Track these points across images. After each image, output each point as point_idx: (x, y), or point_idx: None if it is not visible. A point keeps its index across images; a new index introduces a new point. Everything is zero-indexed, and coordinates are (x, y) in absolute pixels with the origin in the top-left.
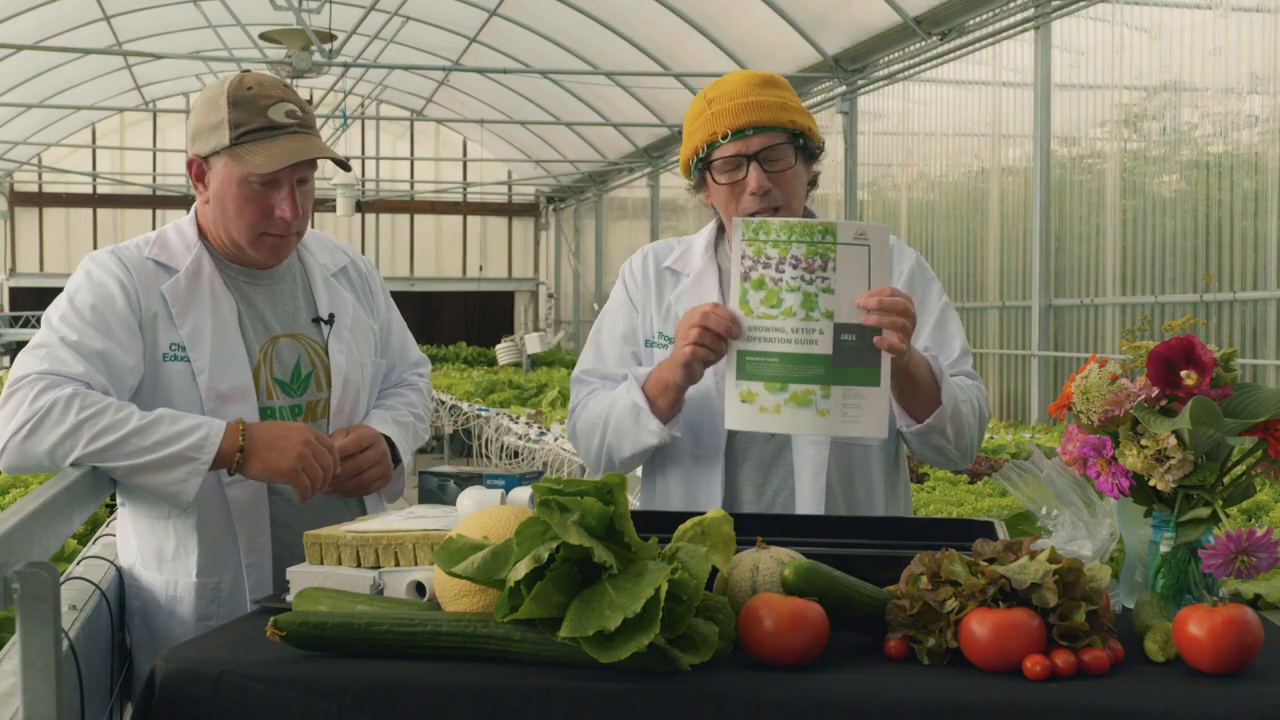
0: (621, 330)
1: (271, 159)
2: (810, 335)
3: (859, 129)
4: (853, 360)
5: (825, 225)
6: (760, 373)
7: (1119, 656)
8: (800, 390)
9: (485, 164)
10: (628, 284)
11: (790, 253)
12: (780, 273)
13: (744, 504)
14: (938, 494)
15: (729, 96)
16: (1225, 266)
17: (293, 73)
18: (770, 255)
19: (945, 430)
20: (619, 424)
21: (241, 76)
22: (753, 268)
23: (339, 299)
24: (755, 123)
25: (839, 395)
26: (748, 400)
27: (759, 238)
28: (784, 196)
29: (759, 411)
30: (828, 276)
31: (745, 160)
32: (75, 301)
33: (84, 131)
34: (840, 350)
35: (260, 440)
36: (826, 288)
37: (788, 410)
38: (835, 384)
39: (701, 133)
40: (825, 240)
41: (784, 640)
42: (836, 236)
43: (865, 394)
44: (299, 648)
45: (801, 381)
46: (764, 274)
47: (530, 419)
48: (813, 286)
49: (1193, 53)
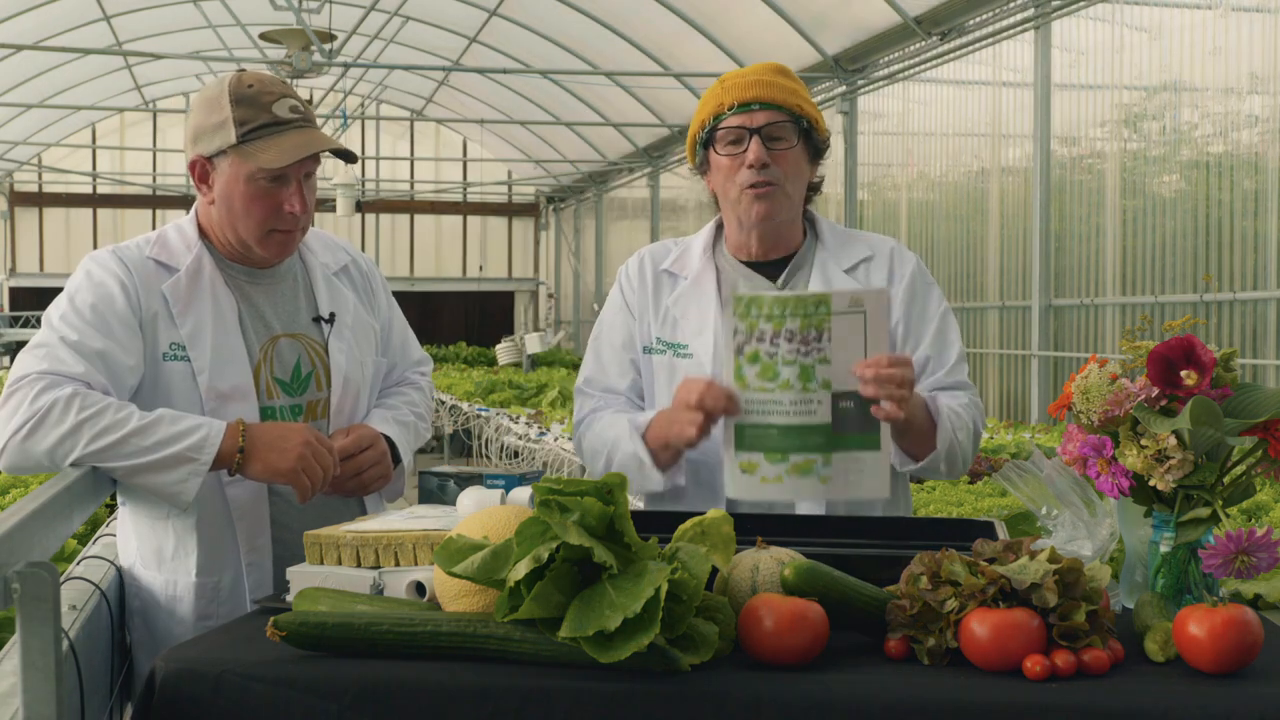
0: (620, 339)
1: (283, 153)
2: (809, 406)
3: (859, 129)
4: (852, 427)
5: (819, 297)
6: (760, 444)
7: (1119, 656)
8: (801, 460)
9: (485, 164)
10: (624, 290)
11: (785, 327)
12: (775, 346)
13: (741, 507)
14: (938, 494)
15: (742, 75)
16: (1225, 266)
17: (293, 73)
18: (764, 329)
19: (939, 467)
20: (623, 467)
21: (239, 76)
22: (746, 342)
23: (340, 298)
24: (762, 98)
25: (840, 461)
26: (748, 471)
27: (750, 313)
28: (782, 175)
29: (760, 481)
30: (823, 347)
31: (748, 134)
32: (75, 301)
33: (84, 131)
34: (839, 418)
35: (260, 441)
36: (823, 358)
37: (789, 479)
38: (836, 450)
39: (710, 106)
40: (819, 312)
41: (784, 640)
42: (830, 307)
43: (866, 458)
44: (299, 648)
45: (802, 451)
46: (758, 348)
47: (530, 419)
48: (809, 359)
49: (1193, 53)
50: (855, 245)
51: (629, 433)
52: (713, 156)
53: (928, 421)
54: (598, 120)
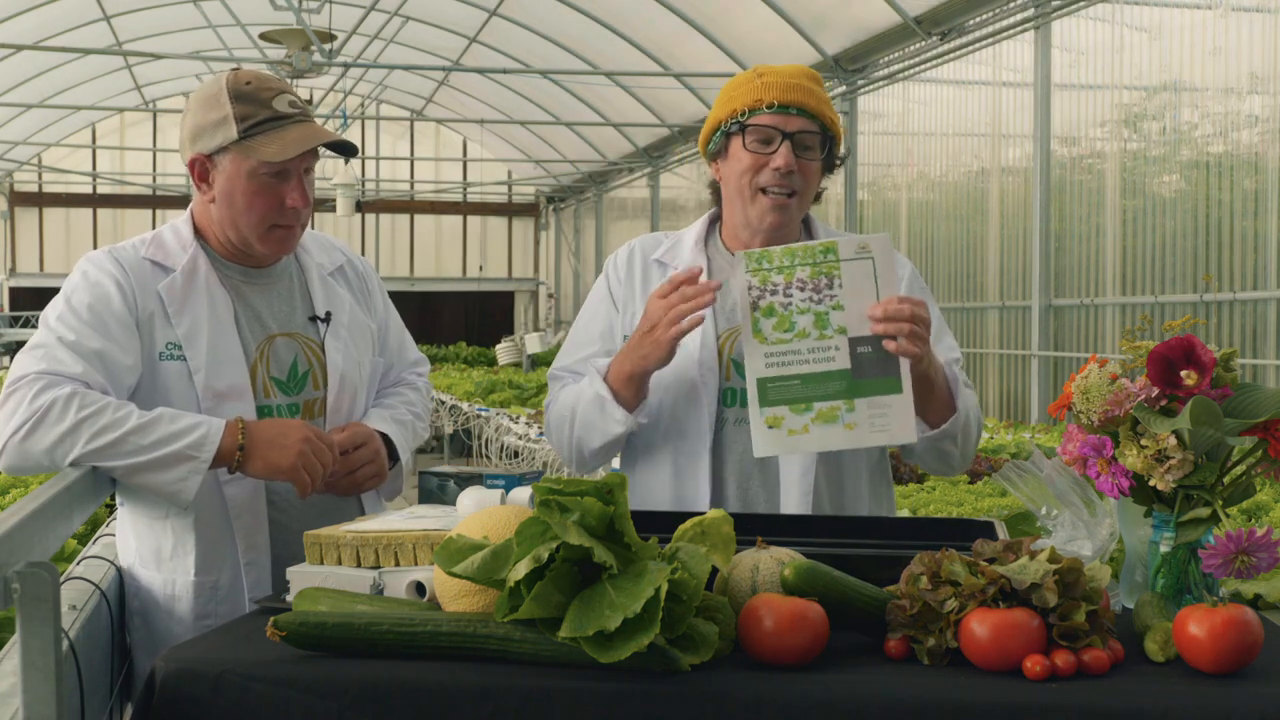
0: (599, 328)
1: (285, 146)
2: (827, 353)
3: (859, 129)
4: (872, 371)
5: (826, 245)
6: (783, 397)
7: (1119, 656)
8: (825, 408)
9: (485, 164)
10: (610, 280)
11: (795, 276)
12: (789, 297)
13: (728, 502)
14: (938, 494)
15: (781, 75)
16: (1225, 266)
17: (293, 73)
18: (776, 282)
19: (956, 437)
20: (585, 416)
21: (235, 73)
22: (760, 296)
23: (336, 298)
24: (801, 104)
25: (864, 407)
26: (774, 425)
27: (762, 266)
28: (802, 184)
29: (787, 434)
30: (835, 294)
31: (780, 136)
32: (72, 301)
33: (84, 131)
34: (858, 363)
35: (260, 438)
36: (836, 304)
37: (815, 429)
38: (858, 396)
39: (746, 97)
40: (828, 259)
41: (784, 640)
42: (839, 254)
43: (889, 401)
44: (299, 648)
45: (825, 399)
46: (773, 301)
47: (530, 419)
48: (822, 305)
49: (1193, 53)
50: None
51: (590, 378)
52: (734, 147)
53: (946, 386)
54: (598, 120)
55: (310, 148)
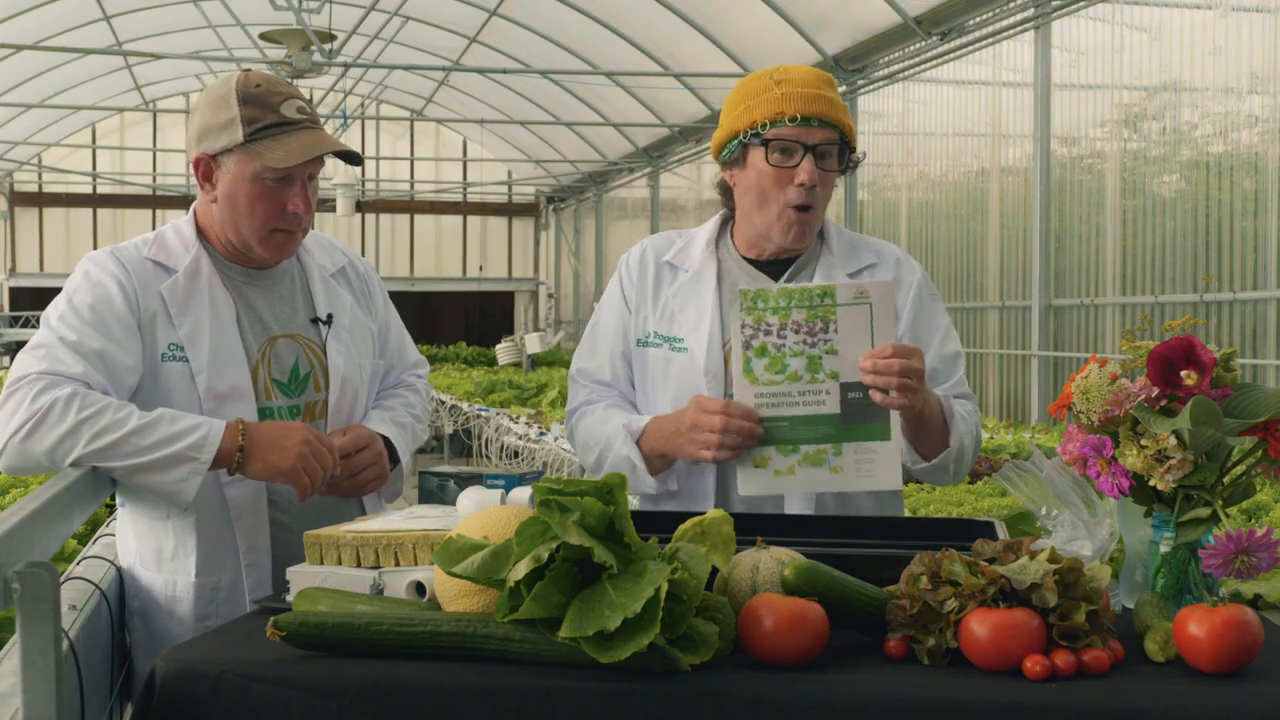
0: (614, 332)
1: (290, 153)
2: (818, 396)
3: (859, 129)
4: (861, 417)
5: (824, 289)
6: (771, 437)
7: (1119, 656)
8: (812, 450)
9: (485, 164)
10: (623, 281)
11: (791, 318)
12: (782, 339)
13: (734, 504)
14: (938, 494)
15: (799, 84)
16: (1225, 266)
17: (293, 73)
18: (770, 323)
19: (949, 467)
20: (614, 468)
21: (246, 75)
22: (754, 336)
23: (337, 299)
24: (822, 115)
25: (850, 452)
26: (760, 465)
27: (758, 306)
28: (822, 197)
29: (773, 475)
30: (830, 338)
31: (803, 149)
32: (74, 301)
33: (84, 131)
34: (848, 408)
35: (260, 440)
36: (830, 349)
37: (801, 471)
38: (846, 441)
39: (766, 109)
40: (825, 303)
41: (784, 640)
42: (836, 299)
43: (877, 449)
44: (299, 648)
45: (812, 442)
46: (766, 341)
47: (530, 419)
48: (816, 349)
49: (1193, 53)
50: (860, 251)
51: (622, 437)
52: (754, 159)
53: (942, 420)
54: (598, 120)
55: (314, 156)
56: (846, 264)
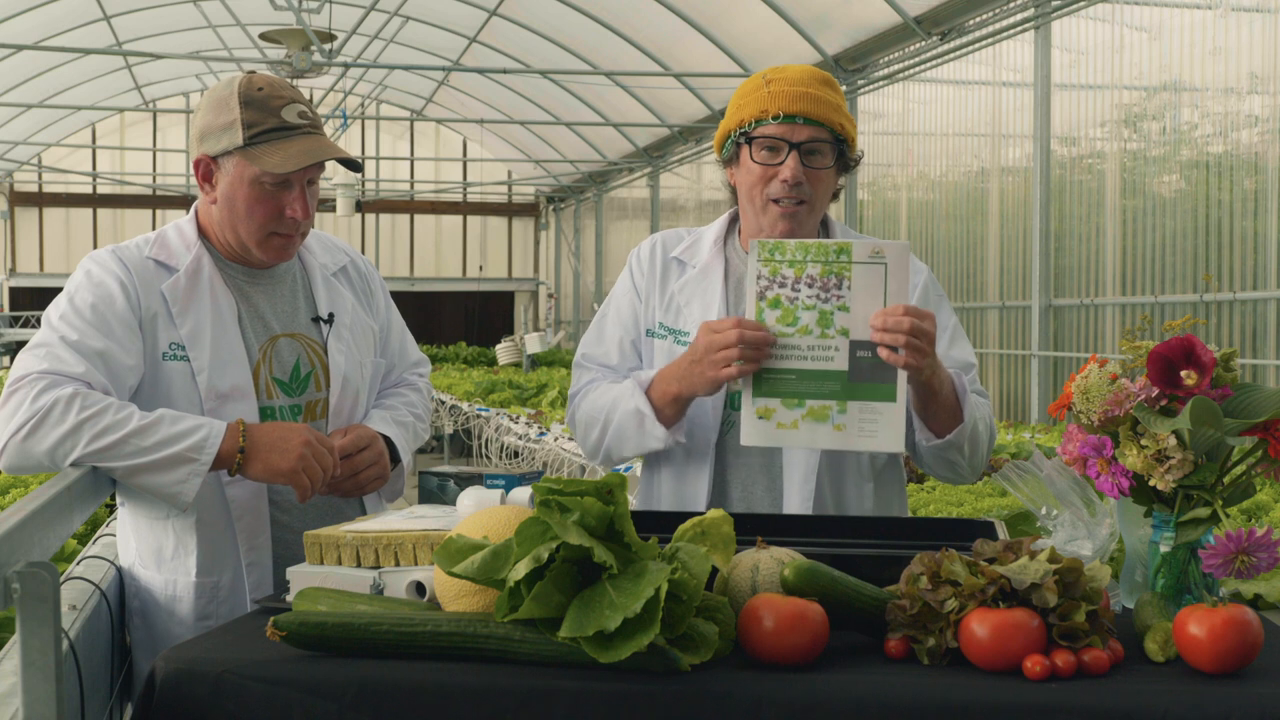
0: (625, 318)
1: (288, 159)
2: (826, 352)
3: (859, 129)
4: (869, 376)
5: (840, 245)
6: (777, 389)
7: (1119, 656)
8: (817, 405)
9: (485, 164)
10: (634, 271)
11: (806, 272)
12: (796, 291)
13: (731, 503)
14: (938, 494)
15: (789, 82)
16: (1225, 266)
17: (293, 73)
18: (786, 275)
19: (963, 447)
20: (621, 426)
21: (250, 77)
22: (768, 287)
23: (339, 299)
24: (807, 113)
25: (855, 410)
26: (764, 416)
27: (774, 258)
28: (812, 194)
29: (776, 427)
30: (843, 294)
31: (787, 146)
32: (75, 301)
33: (84, 131)
34: (856, 366)
35: (261, 441)
36: (842, 305)
37: (804, 425)
38: (851, 399)
39: (753, 107)
40: (840, 259)
41: (784, 640)
42: (852, 255)
43: (881, 409)
44: (299, 648)
45: (818, 397)
46: (780, 293)
47: (530, 419)
48: (828, 304)
49: (1193, 53)
50: None
51: (630, 390)
52: (744, 157)
53: (953, 395)
54: (598, 120)
55: (312, 163)
56: None
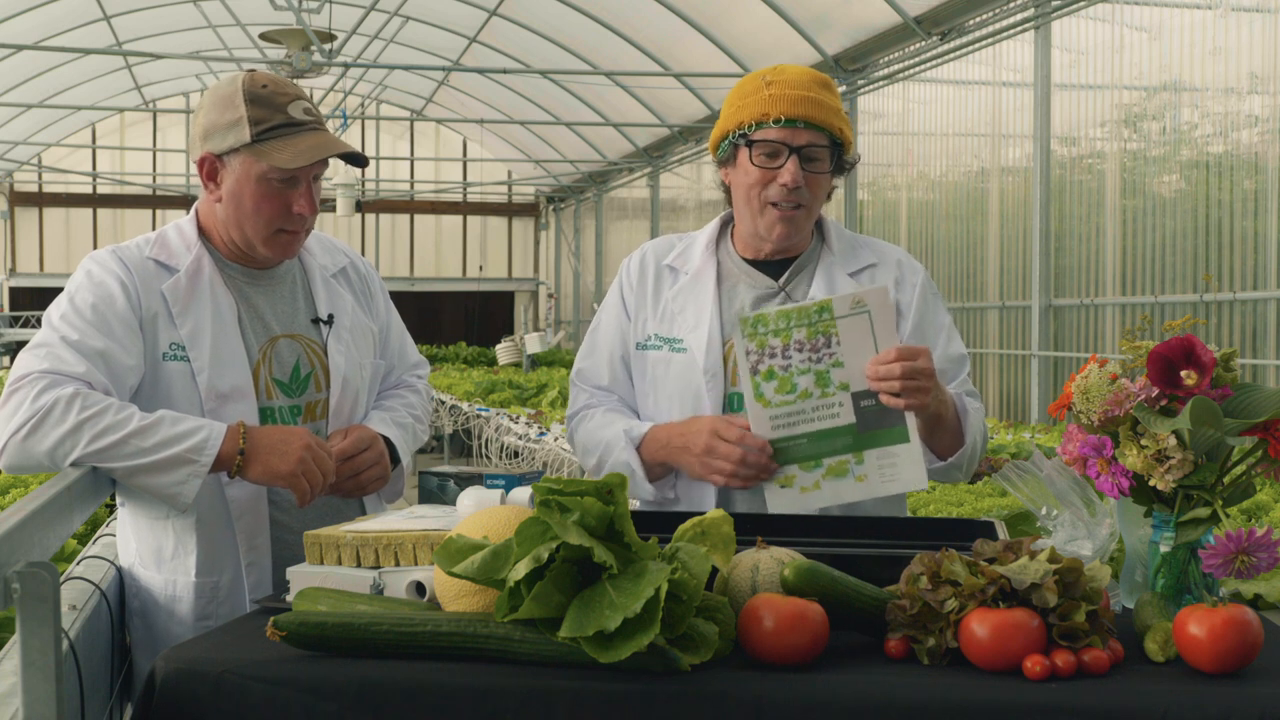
0: (613, 337)
1: (298, 154)
2: (831, 409)
3: (859, 129)
4: (877, 423)
5: (820, 304)
6: (792, 456)
7: (1119, 656)
8: (834, 463)
9: (485, 164)
10: (623, 287)
11: (793, 338)
12: (788, 359)
13: (735, 507)
14: (938, 494)
15: (789, 85)
16: (1225, 266)
17: (293, 73)
18: (774, 345)
19: (963, 465)
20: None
21: (252, 75)
22: (760, 360)
23: (338, 300)
24: (808, 117)
25: (873, 458)
26: (787, 485)
27: (759, 331)
28: (810, 198)
29: (800, 492)
30: (834, 351)
31: (787, 150)
32: (76, 301)
33: (84, 131)
34: (863, 416)
35: (261, 444)
36: (836, 362)
37: (827, 484)
38: (866, 448)
39: (753, 109)
40: (823, 318)
41: (784, 640)
42: (834, 312)
43: (898, 451)
44: (299, 648)
45: (833, 454)
46: (772, 364)
47: (530, 419)
48: (822, 364)
49: (1193, 53)
50: (861, 251)
51: (622, 443)
52: (742, 159)
53: (956, 418)
54: (598, 120)
55: (321, 158)
56: (846, 264)
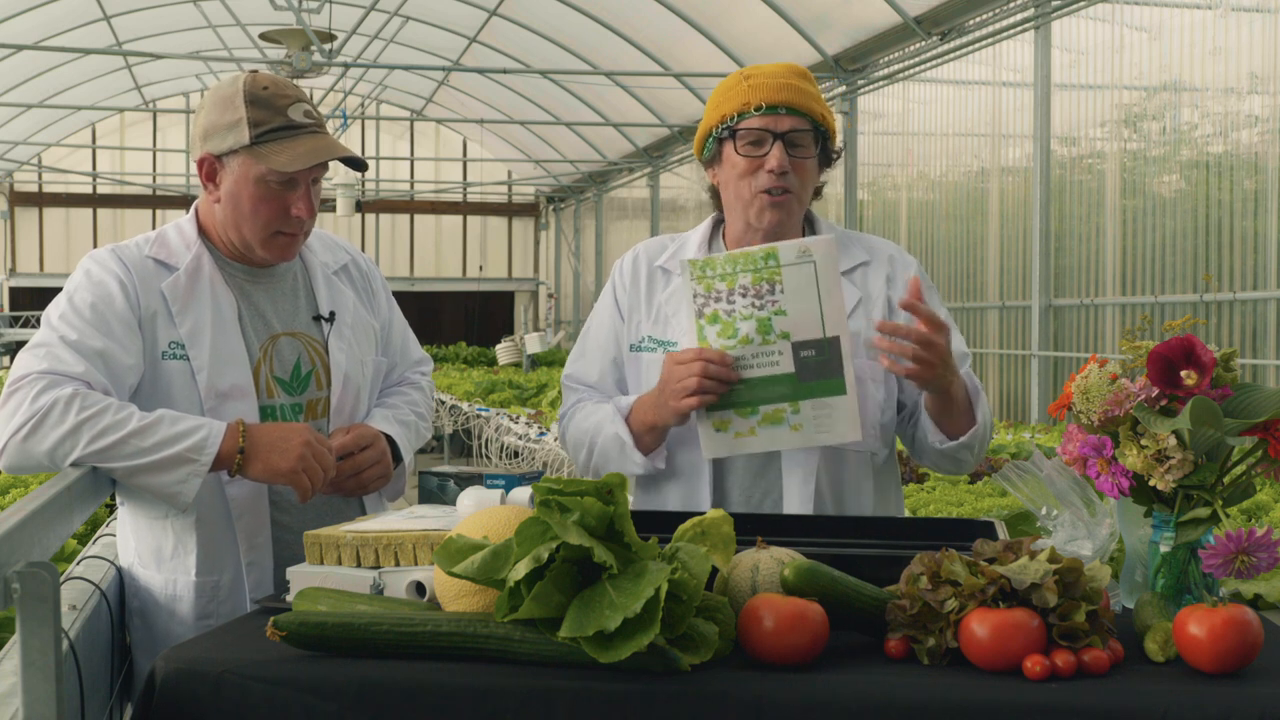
0: (605, 339)
1: (296, 158)
2: (771, 357)
3: (859, 129)
4: (815, 374)
5: (767, 250)
6: (729, 400)
7: (1119, 656)
8: (770, 410)
9: (485, 164)
10: (616, 288)
11: (738, 283)
12: (732, 304)
13: (731, 506)
14: (938, 494)
15: (768, 75)
16: (1225, 266)
17: (293, 73)
18: (719, 289)
19: (974, 447)
20: (604, 451)
21: (254, 76)
22: (705, 304)
23: (340, 297)
24: (790, 103)
25: (808, 408)
26: (722, 429)
27: (706, 274)
28: (798, 184)
29: (734, 437)
30: (777, 299)
31: (771, 137)
32: (75, 300)
33: (84, 131)
34: (802, 366)
35: (261, 441)
36: (778, 310)
37: (762, 430)
38: (803, 398)
39: (734, 102)
40: (769, 265)
41: (784, 640)
42: (780, 259)
43: (833, 403)
44: (299, 648)
45: (770, 401)
46: (716, 308)
47: (530, 419)
48: (764, 311)
49: (1193, 53)
50: (853, 248)
51: (611, 416)
52: (727, 152)
53: (967, 399)
54: (598, 120)
55: (319, 162)
56: (839, 261)
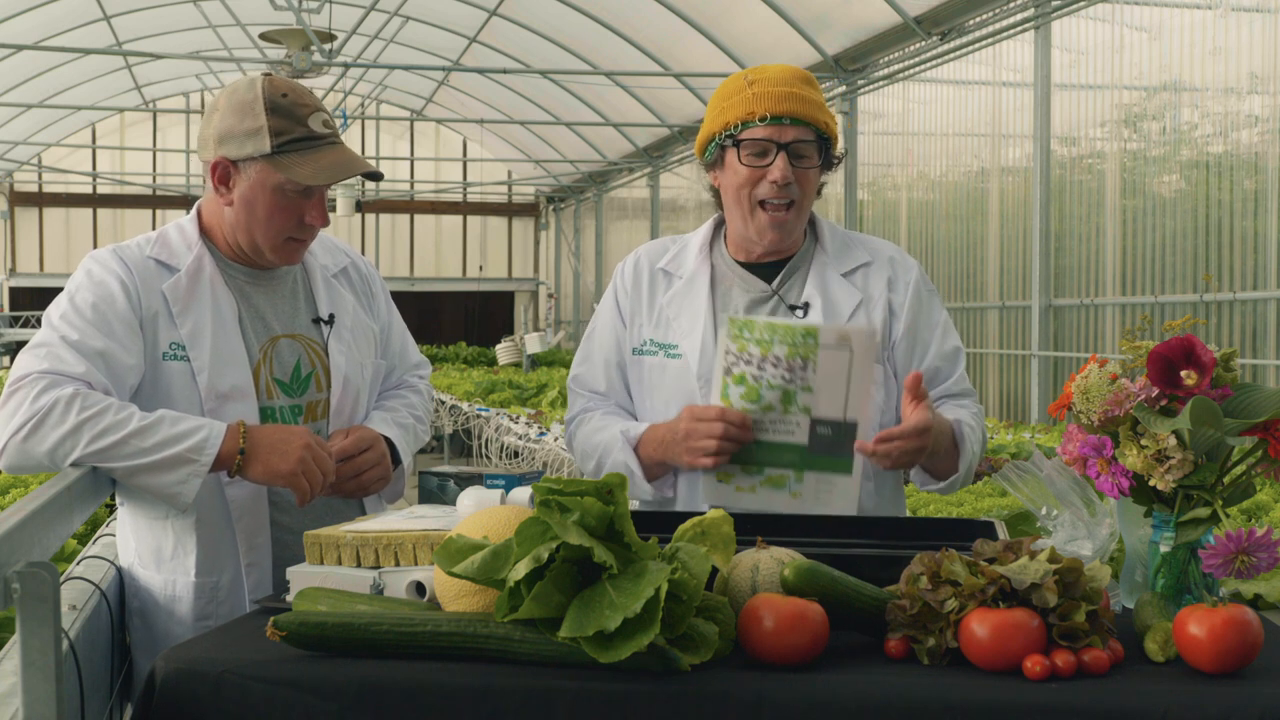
0: (608, 343)
1: (319, 171)
2: (788, 426)
3: (859, 129)
4: (826, 450)
5: (808, 329)
6: (738, 457)
7: (1119, 656)
8: (775, 474)
9: (485, 164)
10: (617, 292)
11: (772, 351)
12: (761, 370)
13: None
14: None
15: (772, 82)
16: (1225, 266)
17: (293, 73)
18: (752, 353)
19: (959, 483)
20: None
21: (271, 81)
22: (735, 363)
23: (339, 300)
24: (794, 113)
25: (811, 480)
26: (724, 480)
27: (743, 335)
28: (800, 194)
29: (735, 490)
30: (807, 377)
31: (775, 147)
32: (76, 300)
33: (84, 131)
34: (815, 440)
35: (261, 443)
36: (806, 387)
37: (762, 491)
38: (809, 470)
39: (738, 110)
40: (806, 342)
41: (784, 640)
42: (819, 340)
43: (837, 480)
44: (299, 648)
45: (777, 466)
46: (745, 370)
47: (530, 419)
48: (792, 385)
49: (1193, 53)
50: (854, 250)
51: (620, 443)
52: (730, 159)
53: (952, 446)
54: (598, 120)
55: (343, 178)
56: (840, 264)
